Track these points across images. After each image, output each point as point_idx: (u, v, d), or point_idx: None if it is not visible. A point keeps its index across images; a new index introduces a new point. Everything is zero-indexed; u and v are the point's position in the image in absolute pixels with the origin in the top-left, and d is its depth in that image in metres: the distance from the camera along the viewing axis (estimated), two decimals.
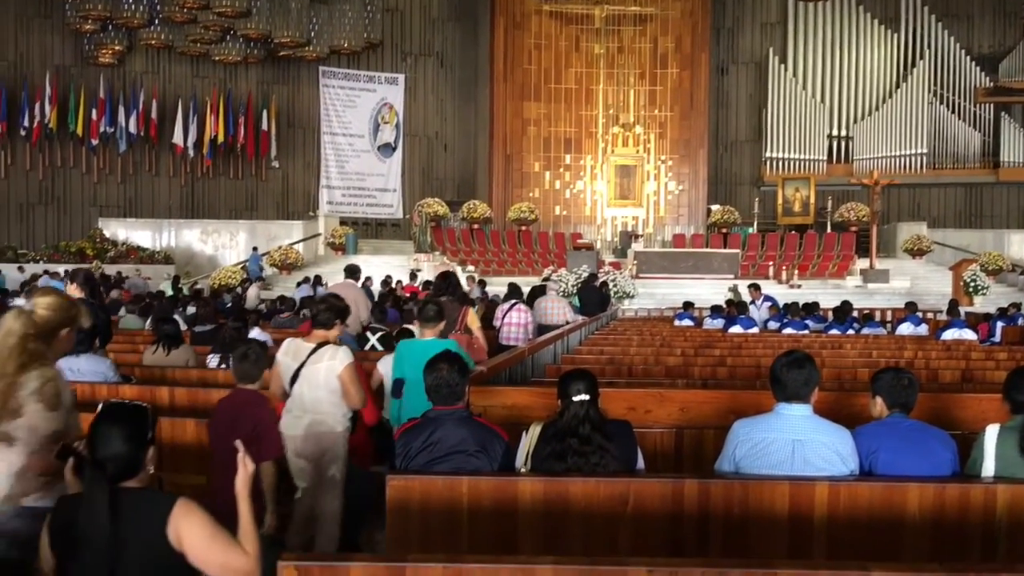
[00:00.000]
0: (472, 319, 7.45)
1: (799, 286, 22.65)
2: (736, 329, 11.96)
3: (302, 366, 4.72)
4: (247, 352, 4.33)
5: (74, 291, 8.49)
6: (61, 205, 28.29)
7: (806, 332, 11.83)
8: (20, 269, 21.90)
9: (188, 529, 2.39)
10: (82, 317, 3.43)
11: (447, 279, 8.63)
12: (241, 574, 2.47)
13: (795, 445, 3.55)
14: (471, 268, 23.29)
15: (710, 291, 20.96)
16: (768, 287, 19.34)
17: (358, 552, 4.52)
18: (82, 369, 6.21)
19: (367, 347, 7.85)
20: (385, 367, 5.78)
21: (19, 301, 3.32)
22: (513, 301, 9.78)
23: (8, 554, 2.47)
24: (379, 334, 7.97)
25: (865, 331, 11.92)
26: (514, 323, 9.40)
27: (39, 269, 21.77)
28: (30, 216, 27.84)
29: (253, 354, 4.32)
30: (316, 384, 4.70)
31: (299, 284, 18.86)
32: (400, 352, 5.43)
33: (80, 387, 5.98)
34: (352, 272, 9.71)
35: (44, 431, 3.00)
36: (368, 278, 18.55)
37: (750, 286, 15.38)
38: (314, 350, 4.72)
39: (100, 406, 2.48)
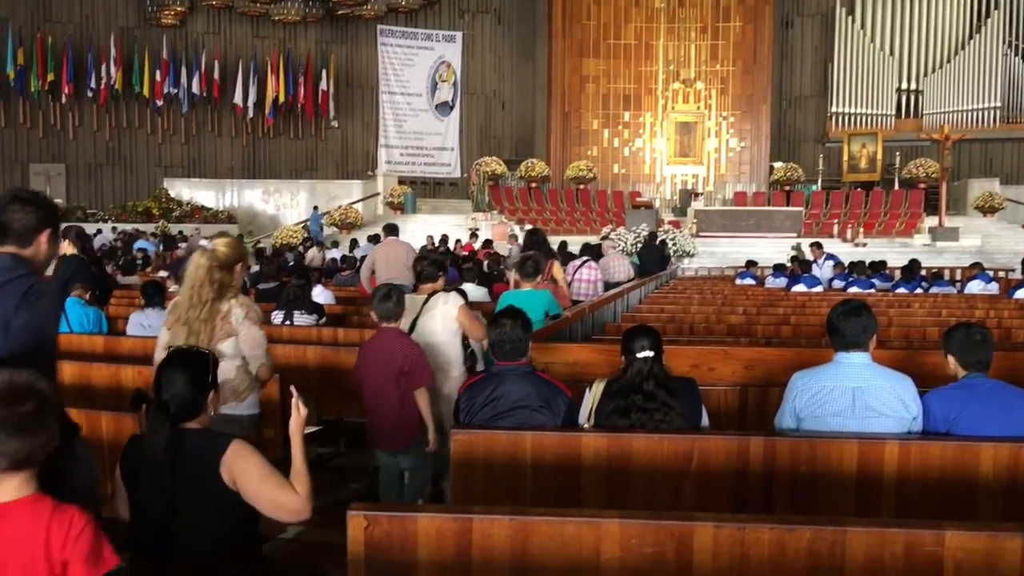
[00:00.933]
0: (557, 271, 7.83)
1: (864, 244, 22.17)
2: (800, 288, 11.76)
3: (417, 317, 4.95)
4: (390, 293, 4.56)
5: (67, 247, 8.69)
6: (127, 165, 28.90)
7: (872, 291, 11.57)
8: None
9: (241, 469, 2.49)
10: (248, 257, 4.08)
11: (535, 235, 9.29)
12: (291, 512, 2.56)
13: (855, 392, 3.52)
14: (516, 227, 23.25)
15: (772, 250, 20.60)
16: (833, 246, 18.97)
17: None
18: (153, 324, 6.39)
19: None
20: None
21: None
22: (585, 258, 9.89)
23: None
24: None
25: (934, 291, 11.63)
26: (584, 279, 9.44)
27: (107, 229, 22.35)
28: (98, 176, 28.49)
29: (395, 295, 4.57)
30: (434, 331, 4.93)
31: (352, 246, 19.28)
32: (504, 300, 5.98)
33: (151, 341, 6.15)
34: (391, 230, 10.02)
35: (257, 347, 3.84)
36: (429, 237, 18.79)
37: (812, 245, 15.09)
38: (426, 301, 5.02)
39: (169, 352, 2.63)
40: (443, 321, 4.95)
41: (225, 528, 2.52)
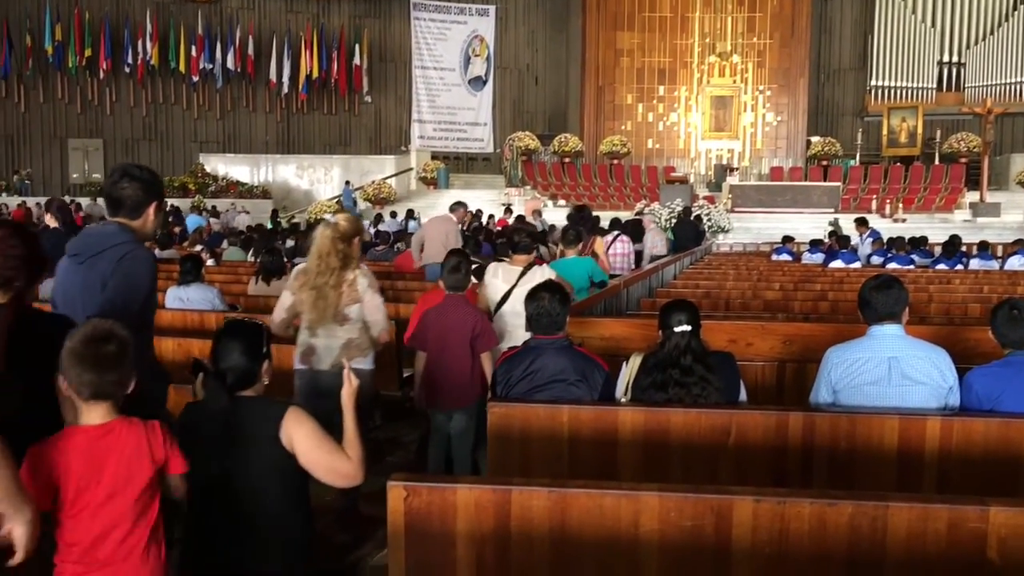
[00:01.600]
0: (599, 246, 8.37)
1: (904, 220, 21.85)
2: (837, 264, 11.62)
3: (513, 287, 5.14)
4: (459, 265, 4.84)
5: (49, 220, 8.80)
6: (164, 140, 29.17)
7: (911, 267, 11.41)
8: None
9: (298, 434, 2.57)
10: (365, 232, 4.59)
11: (582, 211, 10.06)
12: (346, 477, 2.64)
13: (891, 362, 3.50)
14: (534, 199, 23.17)
15: (809, 226, 20.38)
16: (871, 222, 18.70)
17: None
18: (192, 298, 6.45)
19: None
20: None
21: None
22: (616, 232, 9.91)
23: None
24: (473, 267, 8.16)
25: (975, 263, 11.45)
26: (618, 253, 9.45)
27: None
28: (135, 151, 28.77)
29: (464, 267, 4.89)
30: None
31: (376, 219, 19.41)
32: (553, 268, 6.18)
33: (190, 315, 6.23)
34: (459, 206, 10.45)
35: (379, 312, 4.40)
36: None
37: (856, 220, 14.87)
38: (523, 272, 5.27)
39: (225, 322, 2.72)
40: None
41: (280, 489, 2.61)
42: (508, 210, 19.83)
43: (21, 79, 27.66)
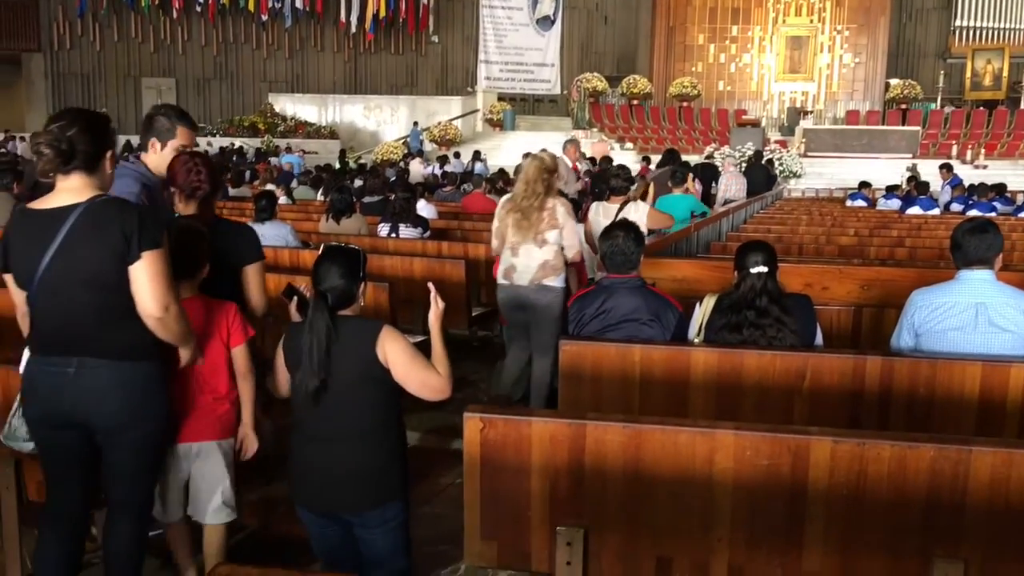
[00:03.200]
0: (690, 184, 8.97)
1: (985, 166, 21.09)
2: (915, 210, 11.30)
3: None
4: None
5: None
6: (234, 80, 29.47)
7: (993, 214, 11.04)
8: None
9: (392, 349, 2.75)
10: (562, 166, 5.76)
11: (672, 153, 10.72)
12: (436, 390, 2.81)
13: (978, 308, 3.41)
14: (606, 141, 22.85)
15: (885, 171, 19.78)
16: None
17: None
18: (266, 234, 6.55)
19: None
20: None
21: None
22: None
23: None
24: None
25: None
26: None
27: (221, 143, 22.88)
28: (206, 91, 29.16)
29: None
30: None
31: (441, 160, 19.37)
32: (660, 203, 7.33)
33: (265, 250, 6.34)
34: (571, 143, 11.05)
35: (574, 237, 4.97)
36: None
37: (941, 166, 14.38)
38: (620, 208, 5.94)
39: (322, 247, 2.90)
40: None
41: (376, 402, 2.80)
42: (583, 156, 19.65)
43: (96, 18, 28.12)
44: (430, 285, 3.00)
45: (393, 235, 7.35)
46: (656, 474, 2.51)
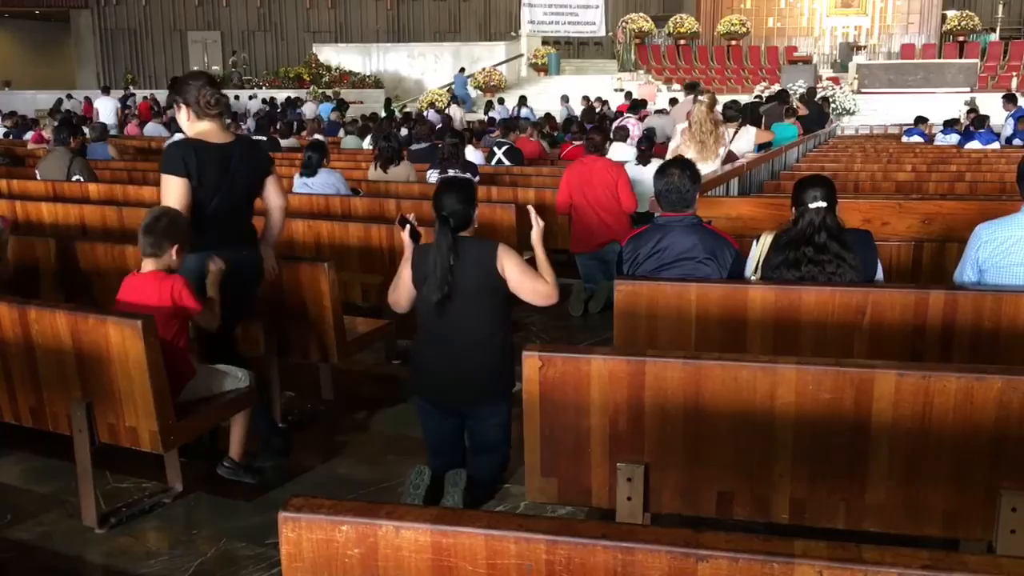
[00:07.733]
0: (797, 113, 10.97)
1: None
2: (974, 145, 10.97)
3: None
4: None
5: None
6: (278, 31, 29.47)
7: None
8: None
9: (509, 263, 3.28)
10: (716, 103, 7.12)
11: (783, 93, 12.24)
12: (545, 296, 3.34)
13: None
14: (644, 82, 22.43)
15: (942, 106, 19.18)
16: None
17: None
18: (313, 185, 6.60)
19: (493, 161, 9.19)
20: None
21: None
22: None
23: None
24: (504, 147, 9.32)
25: None
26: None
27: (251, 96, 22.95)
28: (251, 43, 29.22)
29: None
30: None
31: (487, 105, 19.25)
32: (776, 130, 9.30)
33: (316, 199, 6.40)
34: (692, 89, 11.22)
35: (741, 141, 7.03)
36: (585, 98, 18.77)
37: (1004, 97, 13.90)
38: (735, 132, 7.45)
39: (439, 180, 3.53)
40: None
41: (492, 307, 3.31)
42: (628, 95, 19.40)
43: None
44: (530, 207, 3.46)
45: None
46: (716, 410, 2.50)
